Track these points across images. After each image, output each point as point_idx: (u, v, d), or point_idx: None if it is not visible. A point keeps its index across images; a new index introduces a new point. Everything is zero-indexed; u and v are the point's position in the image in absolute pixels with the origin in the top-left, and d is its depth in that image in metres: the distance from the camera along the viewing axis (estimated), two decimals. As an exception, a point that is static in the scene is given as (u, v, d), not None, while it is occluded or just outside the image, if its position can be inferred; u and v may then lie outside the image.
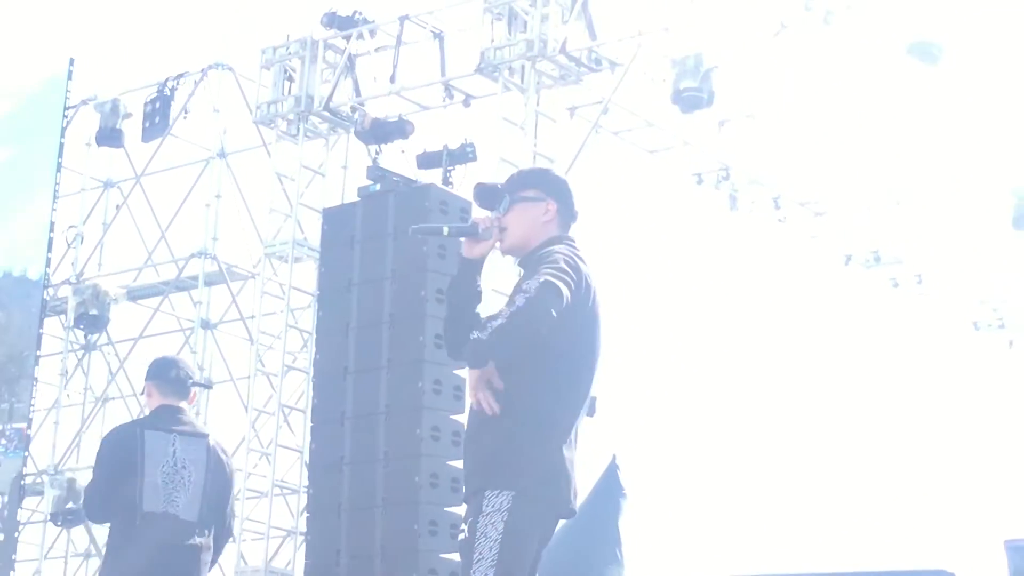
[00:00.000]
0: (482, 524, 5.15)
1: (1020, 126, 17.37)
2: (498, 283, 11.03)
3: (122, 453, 7.54)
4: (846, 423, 34.46)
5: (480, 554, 5.13)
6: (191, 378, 7.88)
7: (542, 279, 5.15)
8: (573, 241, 5.54)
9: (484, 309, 5.58)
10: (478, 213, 5.69)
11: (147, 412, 7.88)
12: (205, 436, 7.75)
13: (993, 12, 15.06)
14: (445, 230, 5.61)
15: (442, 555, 10.83)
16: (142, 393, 8.04)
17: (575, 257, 5.38)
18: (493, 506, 5.16)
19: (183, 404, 7.79)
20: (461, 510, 11.11)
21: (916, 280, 19.27)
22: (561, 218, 5.57)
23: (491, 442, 5.28)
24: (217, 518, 7.69)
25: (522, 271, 5.44)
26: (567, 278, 5.20)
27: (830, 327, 34.97)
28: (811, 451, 33.96)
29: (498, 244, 5.53)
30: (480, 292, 5.61)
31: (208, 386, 14.07)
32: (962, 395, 33.55)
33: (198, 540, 7.53)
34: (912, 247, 19.08)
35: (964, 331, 20.34)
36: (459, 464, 11.01)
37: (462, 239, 5.53)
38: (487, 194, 5.64)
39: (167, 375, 7.80)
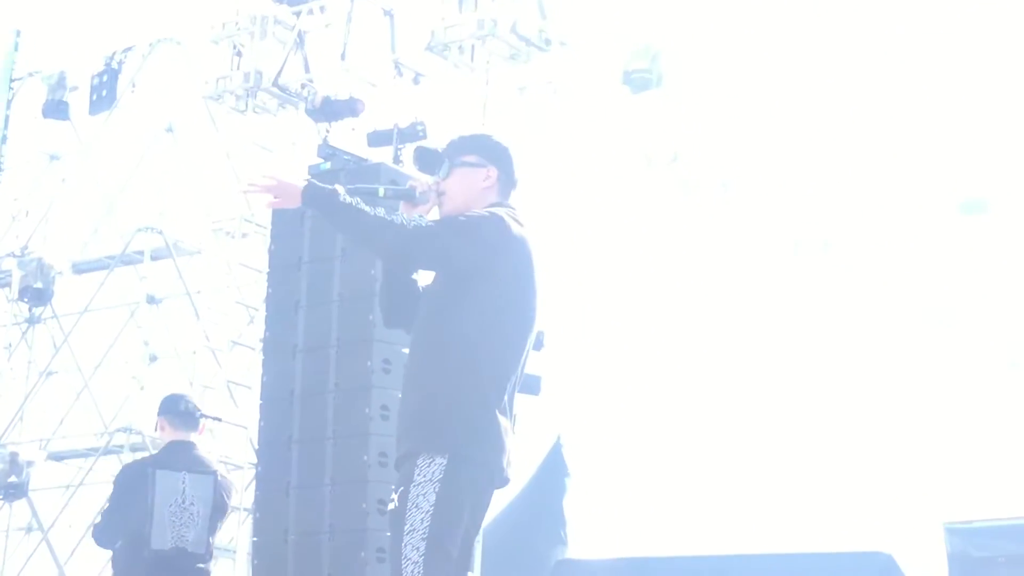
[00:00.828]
0: (413, 494, 5.07)
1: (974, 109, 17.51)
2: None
3: (134, 492, 7.94)
4: (789, 405, 34.64)
5: (411, 525, 5.06)
6: (199, 411, 8.36)
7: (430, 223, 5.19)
8: (513, 209, 5.49)
9: (422, 276, 5.57)
10: (418, 177, 5.67)
11: (160, 445, 8.32)
12: (213, 473, 8.20)
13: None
14: (381, 191, 5.52)
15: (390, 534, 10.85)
16: (156, 429, 8.56)
17: (508, 217, 5.34)
18: (425, 475, 5.07)
19: (193, 436, 8.28)
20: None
21: (866, 266, 19.37)
22: (501, 184, 5.52)
23: (420, 401, 5.21)
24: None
25: None
26: (465, 228, 5.19)
27: (777, 312, 35.13)
28: (754, 434, 34.12)
29: (436, 209, 5.48)
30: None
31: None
32: (901, 378, 33.77)
33: (203, 567, 7.98)
34: (862, 233, 19.18)
35: (909, 317, 20.45)
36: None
37: (400, 202, 5.48)
38: (427, 158, 5.63)
39: (176, 409, 8.26)
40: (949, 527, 5.61)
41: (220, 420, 15.38)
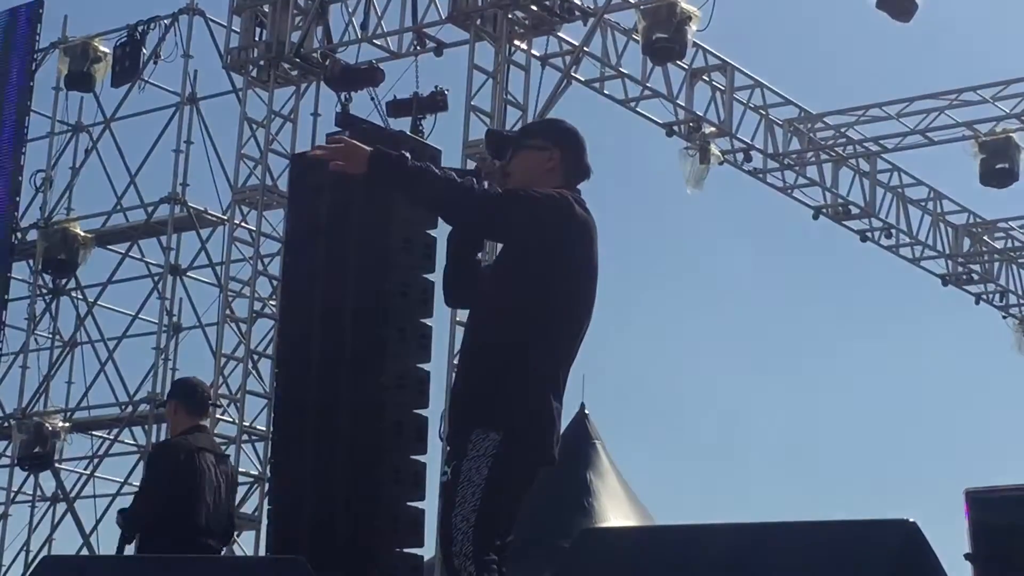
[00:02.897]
0: (466, 467, 5.10)
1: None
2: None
3: (181, 474, 7.99)
4: (811, 374, 34.66)
5: (463, 497, 5.09)
6: (210, 399, 8.51)
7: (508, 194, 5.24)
8: (579, 193, 5.49)
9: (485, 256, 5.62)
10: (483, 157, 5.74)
11: (176, 428, 8.44)
12: (228, 456, 8.33)
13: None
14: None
15: (407, 503, 10.87)
16: (159, 406, 8.75)
17: (571, 199, 5.37)
18: (479, 450, 5.10)
19: (204, 421, 8.46)
20: (425, 458, 11.19)
21: (885, 234, 19.31)
22: (566, 167, 5.51)
23: (478, 377, 5.26)
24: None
25: None
26: (539, 201, 5.23)
27: (799, 278, 35.12)
28: (775, 402, 34.16)
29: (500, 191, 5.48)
30: (482, 240, 5.66)
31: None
32: (926, 349, 33.75)
33: (220, 548, 8.14)
34: (882, 201, 19.12)
35: (932, 285, 20.40)
36: (424, 412, 11.05)
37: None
38: (497, 141, 5.70)
39: (194, 396, 8.35)
40: (972, 495, 5.61)
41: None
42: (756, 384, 34.11)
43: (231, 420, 16.02)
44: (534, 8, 15.04)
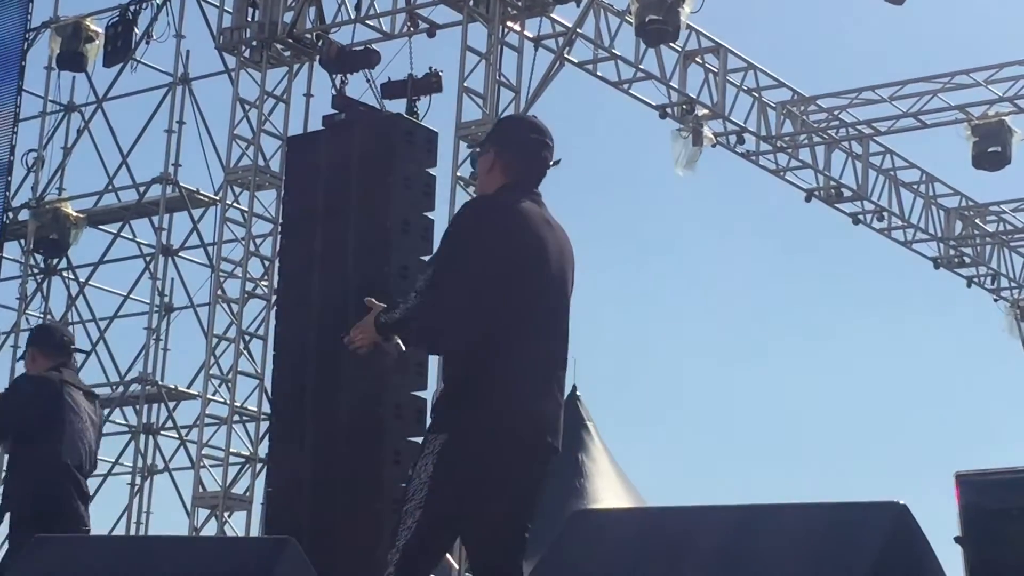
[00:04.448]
0: (419, 466, 5.26)
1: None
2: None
3: (46, 398, 7.84)
4: (803, 356, 34.68)
5: (412, 494, 5.24)
6: (71, 342, 8.39)
7: (419, 302, 5.39)
8: (516, 190, 5.50)
9: None
10: None
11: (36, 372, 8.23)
12: (98, 397, 8.27)
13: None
14: None
15: (404, 484, 10.90)
16: (20, 359, 8.55)
17: (489, 208, 5.44)
18: (428, 448, 5.25)
19: (69, 364, 8.33)
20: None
21: (877, 217, 19.33)
22: (505, 163, 5.53)
23: (439, 389, 5.41)
24: None
25: None
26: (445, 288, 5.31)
27: (791, 260, 35.15)
28: (767, 384, 34.20)
29: None
30: None
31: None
32: (917, 332, 33.78)
33: (88, 489, 8.04)
34: (874, 184, 19.14)
35: (924, 268, 20.43)
36: (423, 395, 11.06)
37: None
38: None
39: (51, 340, 8.27)
40: (962, 478, 5.62)
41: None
42: (748, 366, 34.17)
43: (222, 400, 16.01)
44: (528, -11, 15.02)
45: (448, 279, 5.33)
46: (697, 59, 17.04)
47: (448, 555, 14.24)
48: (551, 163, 5.63)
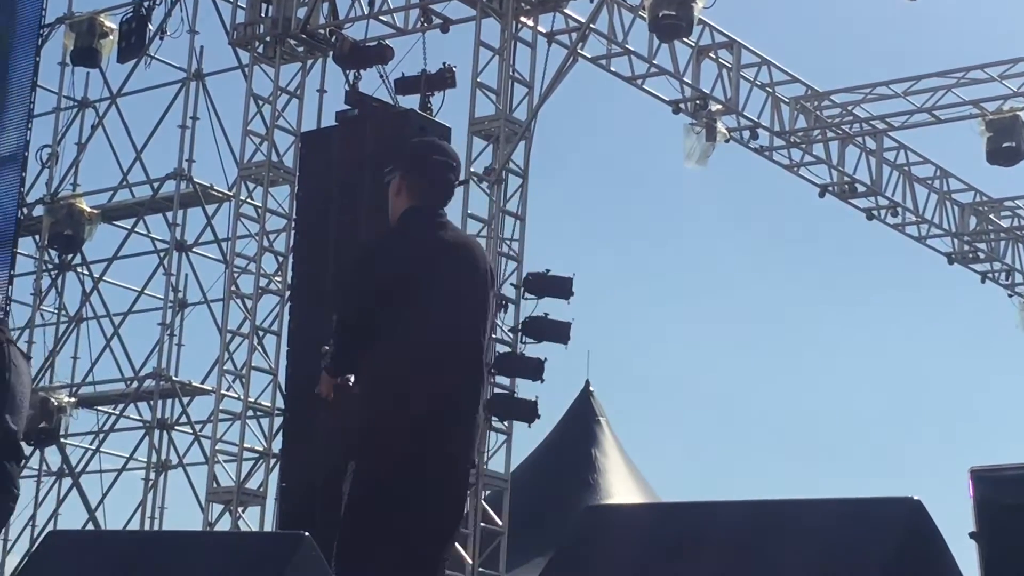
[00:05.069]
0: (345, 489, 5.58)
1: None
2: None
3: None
4: (816, 351, 34.64)
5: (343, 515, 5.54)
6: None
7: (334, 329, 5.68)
8: (420, 213, 5.71)
9: None
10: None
11: None
12: (31, 358, 7.85)
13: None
14: None
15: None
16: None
17: (374, 256, 5.71)
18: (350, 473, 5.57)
19: None
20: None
21: (891, 212, 19.30)
22: (411, 186, 5.74)
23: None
24: None
25: None
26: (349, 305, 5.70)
27: (805, 255, 35.10)
28: (780, 380, 34.16)
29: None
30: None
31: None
32: (931, 327, 33.73)
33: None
34: (888, 179, 19.11)
35: (938, 264, 20.38)
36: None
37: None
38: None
39: None
40: (976, 473, 5.61)
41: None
42: (761, 362, 34.14)
43: (236, 396, 16.03)
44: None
45: (343, 312, 5.74)
46: (711, 54, 17.01)
47: (461, 549, 14.26)
48: (456, 184, 5.88)
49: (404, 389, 5.46)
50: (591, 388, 20.74)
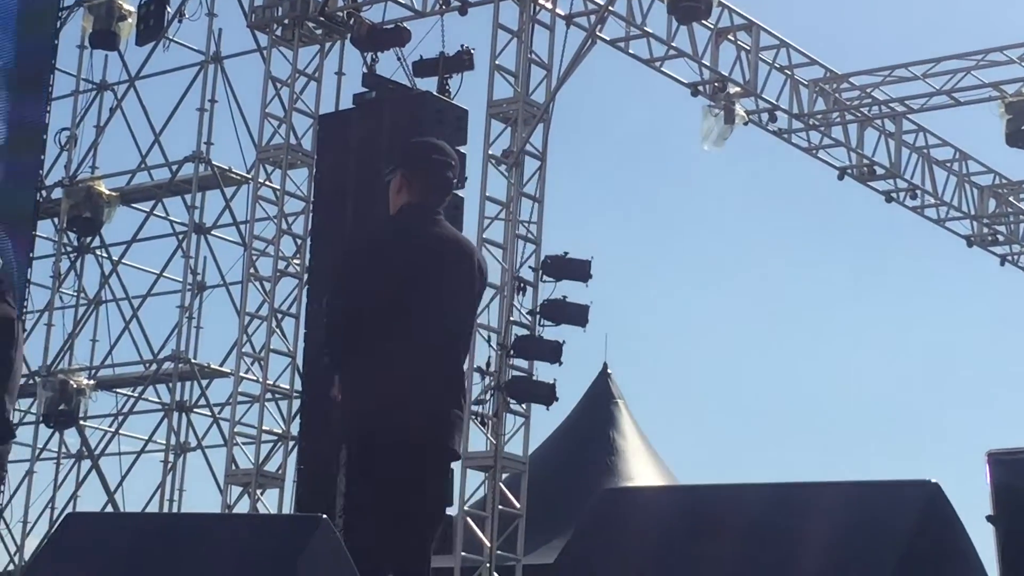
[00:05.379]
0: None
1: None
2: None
3: (14, 336, 7.13)
4: (835, 334, 34.61)
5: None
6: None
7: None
8: (415, 209, 5.93)
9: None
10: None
11: None
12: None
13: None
14: None
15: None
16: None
17: (365, 253, 5.96)
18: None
19: None
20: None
21: (911, 195, 19.25)
22: (411, 184, 5.98)
23: None
24: None
25: None
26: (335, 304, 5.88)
27: (823, 238, 35.05)
28: (798, 362, 34.14)
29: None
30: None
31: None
32: (950, 310, 33.68)
33: None
34: (907, 162, 19.06)
35: (957, 246, 20.34)
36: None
37: None
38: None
39: None
40: (994, 456, 5.60)
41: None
42: (779, 345, 34.10)
43: (255, 378, 16.06)
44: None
45: (330, 316, 5.91)
46: (729, 36, 16.97)
47: (479, 531, 14.27)
48: (455, 183, 6.14)
49: (388, 383, 5.72)
50: (609, 371, 20.75)
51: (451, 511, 13.96)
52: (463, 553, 14.38)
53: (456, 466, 13.99)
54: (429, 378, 5.78)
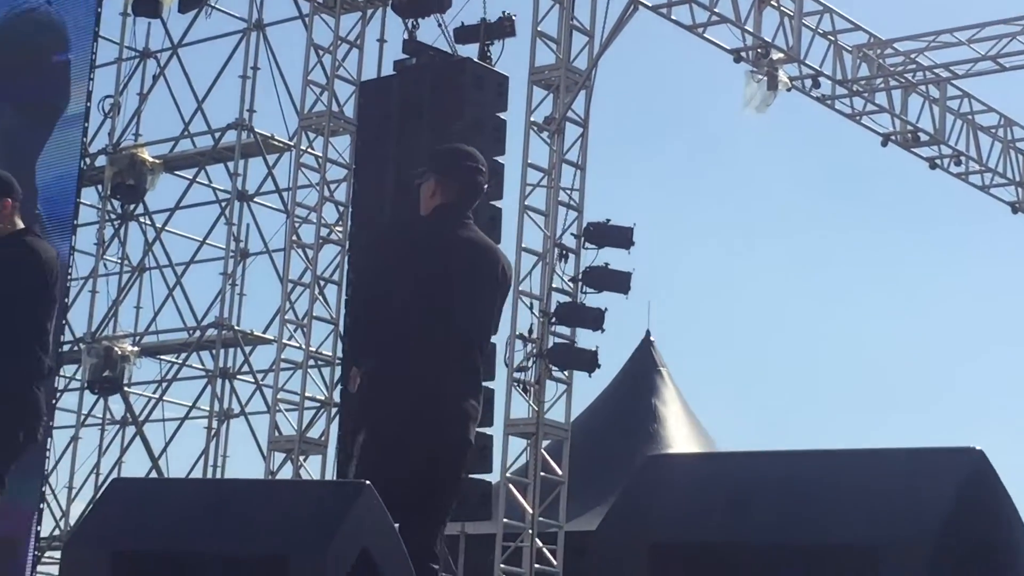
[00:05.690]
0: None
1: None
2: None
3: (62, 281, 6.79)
4: (879, 301, 34.49)
5: None
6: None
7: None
8: (445, 211, 6.11)
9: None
10: None
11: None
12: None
13: None
14: None
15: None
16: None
17: (386, 248, 6.33)
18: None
19: None
20: (492, 384, 11.12)
21: (955, 161, 19.12)
22: (444, 188, 6.16)
23: None
24: None
25: None
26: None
27: (867, 205, 34.91)
28: (842, 330, 34.04)
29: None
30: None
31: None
32: (995, 276, 33.52)
33: None
34: (952, 128, 18.93)
35: (1001, 213, 20.21)
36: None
37: None
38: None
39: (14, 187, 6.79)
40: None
41: None
42: (823, 312, 34.02)
43: (298, 345, 16.11)
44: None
45: (355, 298, 6.12)
46: (772, 2, 16.86)
47: (521, 497, 14.30)
48: (484, 187, 6.32)
49: (406, 378, 5.90)
50: (651, 338, 20.74)
51: (493, 477, 14.00)
52: (505, 519, 14.43)
53: (498, 433, 14.10)
54: (447, 376, 5.96)
